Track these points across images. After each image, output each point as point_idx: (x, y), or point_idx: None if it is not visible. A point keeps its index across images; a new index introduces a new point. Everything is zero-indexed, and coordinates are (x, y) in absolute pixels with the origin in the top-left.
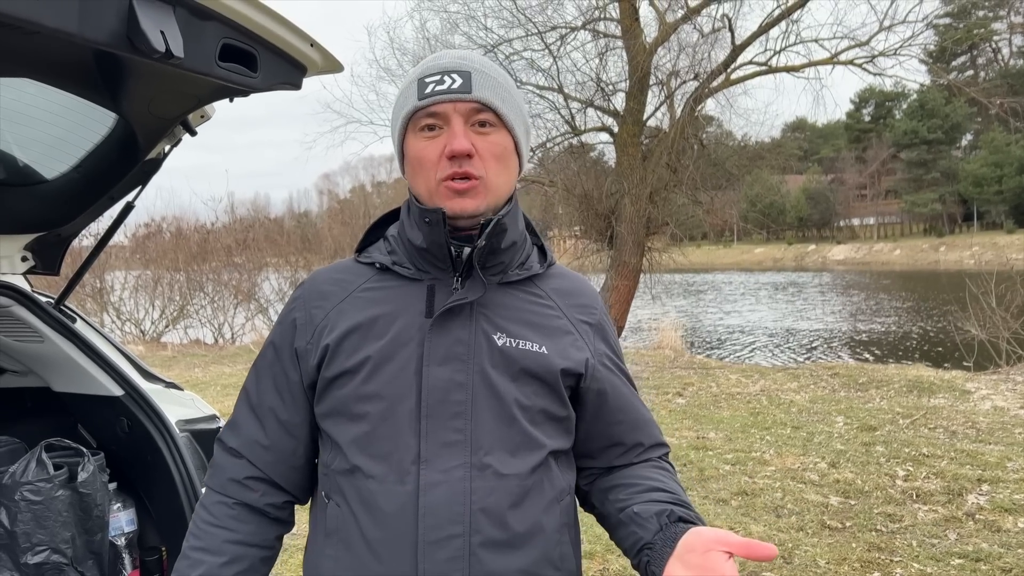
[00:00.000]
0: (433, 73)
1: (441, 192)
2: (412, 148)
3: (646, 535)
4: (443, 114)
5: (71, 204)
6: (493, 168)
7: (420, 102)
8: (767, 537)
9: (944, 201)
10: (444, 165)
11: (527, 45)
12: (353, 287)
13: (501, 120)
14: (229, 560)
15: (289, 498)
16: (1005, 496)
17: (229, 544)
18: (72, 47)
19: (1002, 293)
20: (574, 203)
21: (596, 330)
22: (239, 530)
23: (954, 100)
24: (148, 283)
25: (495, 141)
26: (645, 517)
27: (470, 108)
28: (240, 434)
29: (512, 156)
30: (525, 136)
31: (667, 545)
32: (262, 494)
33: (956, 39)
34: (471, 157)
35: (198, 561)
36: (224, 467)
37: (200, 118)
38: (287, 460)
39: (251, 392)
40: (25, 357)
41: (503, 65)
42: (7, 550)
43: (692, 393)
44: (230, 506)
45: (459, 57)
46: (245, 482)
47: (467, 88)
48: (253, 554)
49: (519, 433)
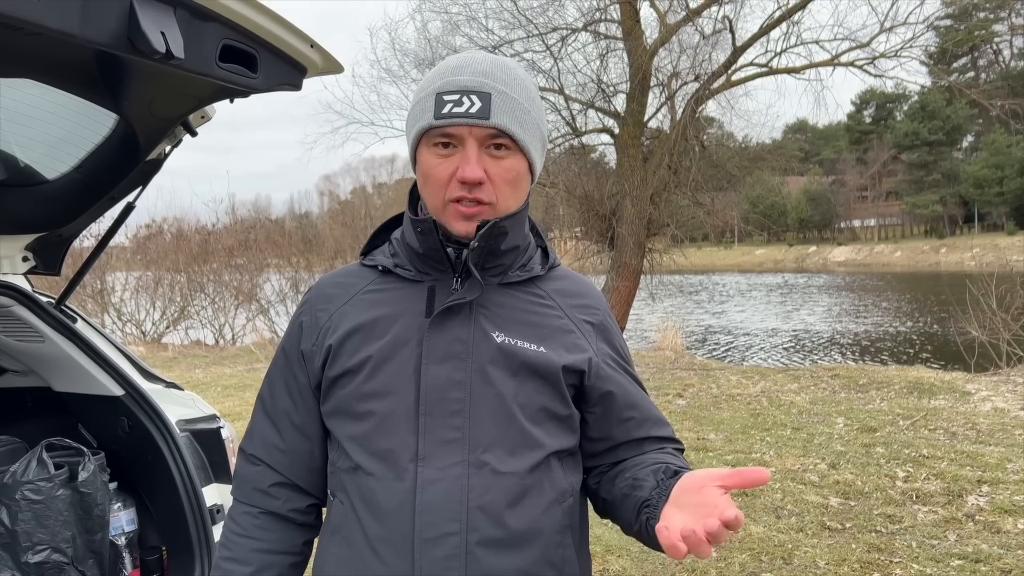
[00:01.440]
0: (452, 91)
1: (450, 212)
2: (424, 162)
3: (644, 494)
4: (458, 136)
5: (72, 204)
6: (504, 192)
7: (436, 121)
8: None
9: (945, 203)
10: (455, 187)
11: (528, 46)
12: (356, 289)
13: (517, 144)
14: (257, 569)
15: (312, 501)
16: (1005, 497)
17: (256, 553)
18: (73, 48)
19: (1002, 295)
20: (575, 204)
21: (598, 330)
22: (265, 539)
23: (955, 102)
24: (149, 284)
25: (509, 167)
26: (643, 478)
27: (486, 134)
28: (257, 440)
29: (525, 178)
30: (541, 154)
31: (663, 497)
32: (284, 500)
33: (957, 41)
34: (482, 184)
35: (229, 572)
36: (246, 477)
37: (201, 119)
38: (304, 462)
39: (265, 398)
40: (26, 357)
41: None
42: (8, 549)
43: (692, 394)
44: (255, 516)
45: (481, 74)
46: (268, 490)
47: (485, 114)
48: (281, 561)
49: (518, 431)
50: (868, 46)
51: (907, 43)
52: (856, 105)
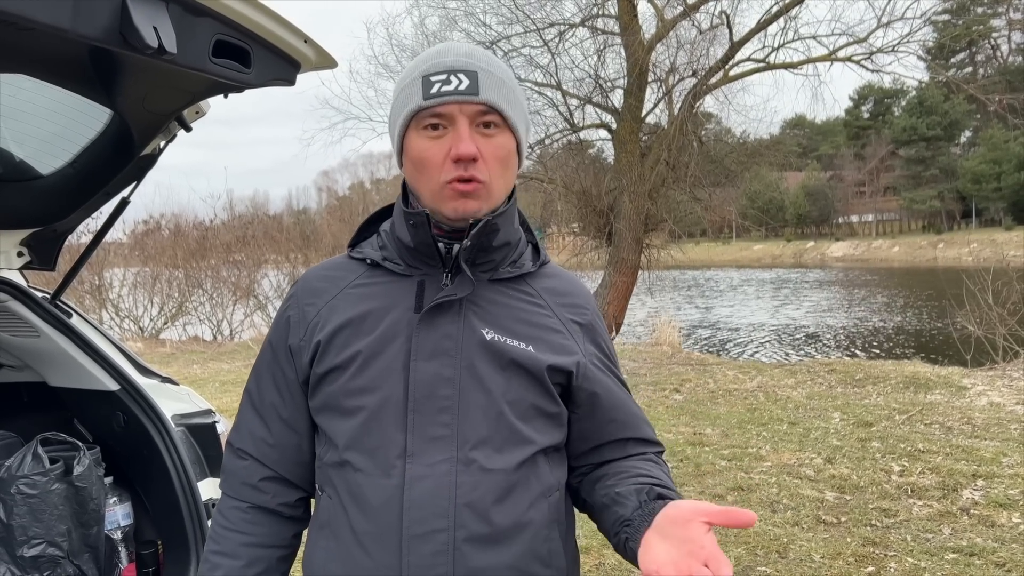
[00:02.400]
0: (439, 72)
1: (446, 193)
2: (414, 147)
3: (625, 512)
4: (448, 115)
5: (67, 199)
6: (496, 171)
7: (426, 102)
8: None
9: (943, 198)
10: (449, 168)
11: (525, 42)
12: (344, 283)
13: (506, 122)
14: (247, 563)
15: (301, 495)
16: (1000, 491)
17: (245, 547)
18: (66, 43)
19: (999, 290)
20: (573, 200)
21: (586, 330)
22: (254, 533)
23: (953, 97)
24: (147, 280)
25: (499, 144)
26: (626, 496)
27: (476, 110)
28: (245, 434)
29: (514, 157)
30: (526, 134)
31: (645, 520)
32: (273, 495)
33: (955, 36)
34: (476, 161)
35: (216, 565)
36: (234, 471)
37: (195, 114)
38: (292, 456)
39: (253, 392)
40: (21, 352)
41: (505, 60)
42: (3, 543)
43: (689, 389)
44: (244, 510)
45: (465, 55)
46: (257, 485)
47: (474, 90)
48: (270, 555)
49: (506, 428)
50: (865, 41)
51: (904, 38)
52: (854, 101)
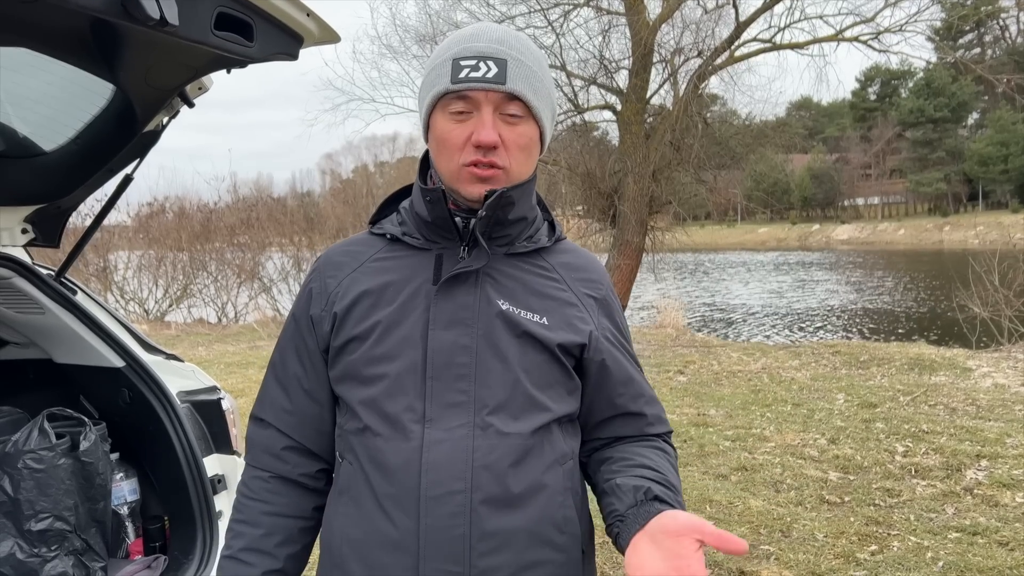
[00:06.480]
0: (469, 56)
1: (464, 176)
2: (439, 127)
3: (620, 507)
4: (474, 100)
5: (70, 176)
6: (517, 158)
7: (453, 85)
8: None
9: (949, 180)
10: (469, 151)
11: (530, 22)
12: (365, 257)
13: (530, 111)
14: (267, 532)
15: (322, 466)
16: (1004, 471)
17: (266, 516)
18: (68, 15)
19: (1005, 272)
20: (577, 182)
21: (601, 304)
22: (275, 502)
23: (961, 78)
24: (151, 263)
25: (522, 132)
26: (624, 490)
27: (501, 98)
28: (267, 404)
29: (536, 145)
30: (551, 123)
31: (637, 520)
32: (294, 465)
33: (963, 16)
34: (496, 148)
35: (240, 533)
36: (257, 441)
37: (198, 90)
38: (314, 424)
39: (277, 364)
40: (27, 329)
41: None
42: (11, 517)
43: (693, 371)
44: (265, 480)
45: (497, 41)
46: (279, 454)
47: (502, 79)
48: (291, 525)
49: (522, 395)
50: (872, 21)
51: (912, 17)
52: (860, 82)
